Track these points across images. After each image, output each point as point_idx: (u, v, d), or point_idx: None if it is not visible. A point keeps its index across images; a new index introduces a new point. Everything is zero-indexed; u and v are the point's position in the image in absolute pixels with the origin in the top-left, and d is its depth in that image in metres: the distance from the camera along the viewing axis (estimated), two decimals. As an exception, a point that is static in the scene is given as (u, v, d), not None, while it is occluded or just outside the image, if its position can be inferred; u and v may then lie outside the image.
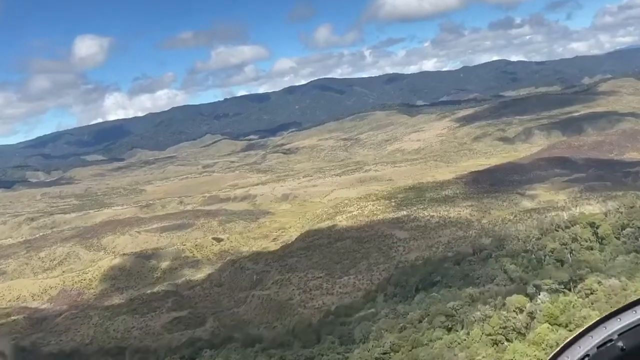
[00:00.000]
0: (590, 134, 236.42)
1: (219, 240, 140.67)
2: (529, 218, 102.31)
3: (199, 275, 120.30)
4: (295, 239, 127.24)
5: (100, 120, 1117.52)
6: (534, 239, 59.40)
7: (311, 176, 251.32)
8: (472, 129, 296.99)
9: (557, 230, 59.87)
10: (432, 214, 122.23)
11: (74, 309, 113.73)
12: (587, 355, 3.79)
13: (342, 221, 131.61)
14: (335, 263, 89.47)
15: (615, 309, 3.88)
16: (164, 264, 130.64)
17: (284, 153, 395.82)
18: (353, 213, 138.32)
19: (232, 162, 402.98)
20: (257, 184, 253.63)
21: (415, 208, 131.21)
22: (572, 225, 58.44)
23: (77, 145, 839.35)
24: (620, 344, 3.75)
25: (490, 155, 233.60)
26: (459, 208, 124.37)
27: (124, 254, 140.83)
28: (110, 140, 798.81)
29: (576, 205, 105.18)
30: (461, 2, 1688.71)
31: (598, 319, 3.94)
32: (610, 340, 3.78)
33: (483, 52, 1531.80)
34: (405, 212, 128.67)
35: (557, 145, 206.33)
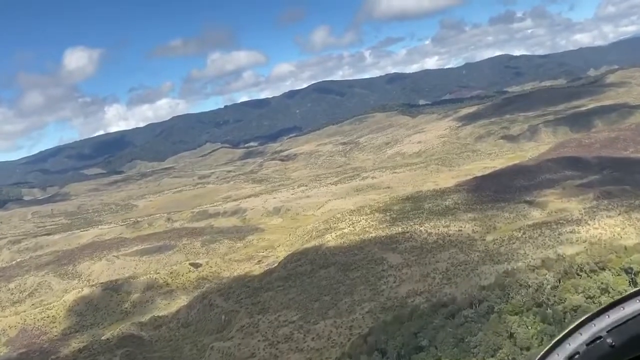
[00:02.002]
0: (600, 129, 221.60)
1: (196, 266, 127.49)
2: (539, 235, 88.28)
3: (170, 309, 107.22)
4: (278, 264, 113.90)
5: (102, 132, 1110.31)
6: (549, 287, 45.82)
7: (306, 185, 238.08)
8: (475, 128, 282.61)
9: (580, 275, 46.18)
10: (430, 230, 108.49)
11: (33, 353, 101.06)
12: (576, 352, 3.81)
13: (330, 241, 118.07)
14: (314, 300, 76.10)
15: (603, 306, 3.89)
16: (135, 296, 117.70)
17: (282, 160, 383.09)
18: (343, 231, 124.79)
19: (229, 171, 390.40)
20: (250, 196, 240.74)
21: (411, 223, 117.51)
22: (601, 270, 44.70)
23: (77, 159, 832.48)
24: (609, 340, 3.78)
25: (495, 157, 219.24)
26: (461, 222, 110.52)
27: (92, 285, 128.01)
28: (111, 153, 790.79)
29: (594, 218, 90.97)
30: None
31: (586, 316, 3.93)
32: (600, 337, 3.80)
33: (485, 48, 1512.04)
34: (400, 229, 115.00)
35: (566, 143, 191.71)
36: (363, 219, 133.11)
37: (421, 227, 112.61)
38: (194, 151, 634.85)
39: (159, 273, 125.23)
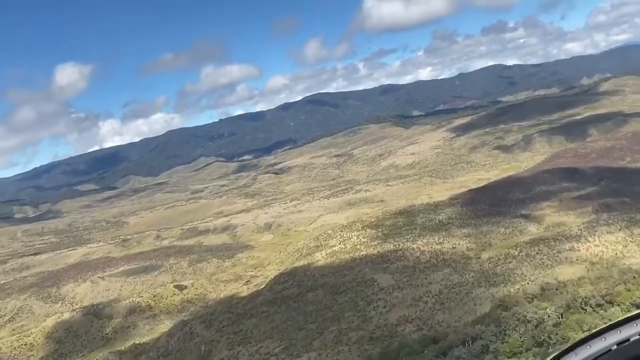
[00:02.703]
0: (596, 138, 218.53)
1: (181, 288, 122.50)
2: (537, 253, 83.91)
3: (152, 334, 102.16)
4: (265, 285, 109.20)
5: (97, 147, 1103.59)
6: (550, 323, 41.21)
7: (299, 199, 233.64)
8: (469, 138, 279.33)
9: (584, 310, 41.76)
10: (422, 247, 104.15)
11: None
12: None
13: (320, 260, 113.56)
14: (299, 329, 71.40)
15: (571, 344, 3.99)
16: (116, 321, 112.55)
17: (275, 173, 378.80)
18: (334, 248, 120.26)
19: (222, 185, 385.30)
20: (242, 211, 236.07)
21: (404, 240, 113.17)
22: (608, 304, 40.29)
23: (72, 175, 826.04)
24: None
25: (490, 168, 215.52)
26: (455, 239, 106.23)
27: (73, 310, 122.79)
28: (105, 168, 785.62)
29: (594, 234, 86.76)
30: (451, 8, 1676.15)
31: (554, 355, 4.03)
32: None
33: (478, 58, 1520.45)
34: (392, 246, 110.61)
35: (562, 153, 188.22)
36: (354, 235, 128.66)
37: (414, 244, 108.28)
38: (188, 165, 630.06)
39: (142, 296, 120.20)
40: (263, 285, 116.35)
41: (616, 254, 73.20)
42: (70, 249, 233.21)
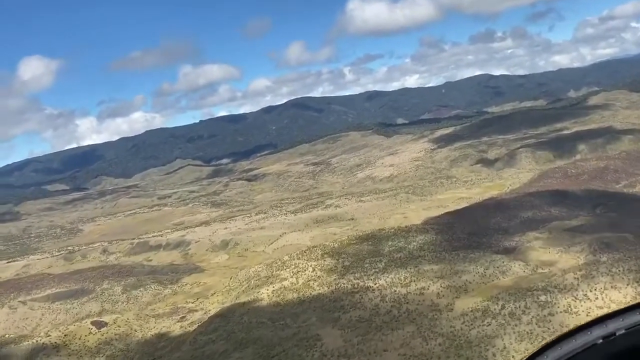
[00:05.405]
0: (586, 156, 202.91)
1: (100, 325, 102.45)
2: (523, 313, 65.77)
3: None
4: (194, 329, 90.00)
5: (74, 145, 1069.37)
6: None
7: (265, 213, 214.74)
8: (451, 151, 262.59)
9: None
10: (385, 290, 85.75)
11: None
12: None
13: (264, 299, 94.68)
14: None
15: (556, 337, 4.09)
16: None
17: (249, 180, 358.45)
18: (284, 283, 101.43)
19: (192, 191, 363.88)
20: (202, 224, 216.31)
21: (365, 277, 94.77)
22: None
23: (44, 174, 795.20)
24: None
25: (471, 185, 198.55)
26: (424, 279, 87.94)
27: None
28: (79, 167, 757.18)
29: (594, 287, 68.93)
30: (437, 14, 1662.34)
31: (539, 348, 4.04)
32: None
33: (465, 67, 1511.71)
34: (350, 285, 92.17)
35: (550, 173, 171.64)
36: (311, 265, 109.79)
37: (375, 283, 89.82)
38: (163, 167, 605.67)
39: (49, 335, 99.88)
40: (198, 325, 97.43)
41: None
42: (11, 260, 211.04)
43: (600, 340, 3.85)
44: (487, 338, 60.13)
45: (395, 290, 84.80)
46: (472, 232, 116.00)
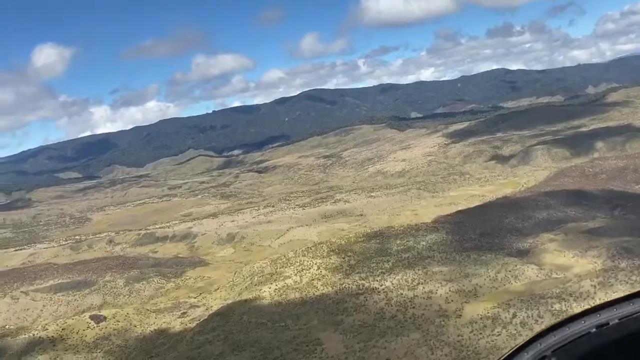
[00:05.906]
0: (604, 154, 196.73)
1: (98, 320, 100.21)
2: (535, 322, 61.93)
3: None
4: (193, 327, 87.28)
5: (89, 133, 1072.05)
6: None
7: (273, 206, 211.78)
8: (465, 146, 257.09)
9: None
10: (390, 292, 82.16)
11: None
12: None
13: (266, 297, 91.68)
14: None
15: (549, 325, 4.10)
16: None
17: (259, 172, 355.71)
18: (287, 281, 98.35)
19: (202, 182, 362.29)
20: (210, 216, 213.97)
21: (370, 277, 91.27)
22: None
23: (58, 161, 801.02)
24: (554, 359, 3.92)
25: (484, 182, 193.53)
26: (432, 282, 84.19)
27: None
28: (93, 155, 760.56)
29: (612, 297, 64.63)
30: (454, 7, 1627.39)
31: (532, 335, 4.04)
32: (544, 357, 3.83)
33: (482, 61, 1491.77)
34: (355, 285, 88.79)
35: (567, 171, 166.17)
36: (316, 263, 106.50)
37: (381, 285, 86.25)
38: (175, 157, 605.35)
39: (47, 329, 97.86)
40: (199, 321, 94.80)
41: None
42: (18, 248, 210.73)
43: (594, 329, 3.83)
44: (496, 349, 56.36)
45: (401, 293, 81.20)
46: (484, 232, 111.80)
